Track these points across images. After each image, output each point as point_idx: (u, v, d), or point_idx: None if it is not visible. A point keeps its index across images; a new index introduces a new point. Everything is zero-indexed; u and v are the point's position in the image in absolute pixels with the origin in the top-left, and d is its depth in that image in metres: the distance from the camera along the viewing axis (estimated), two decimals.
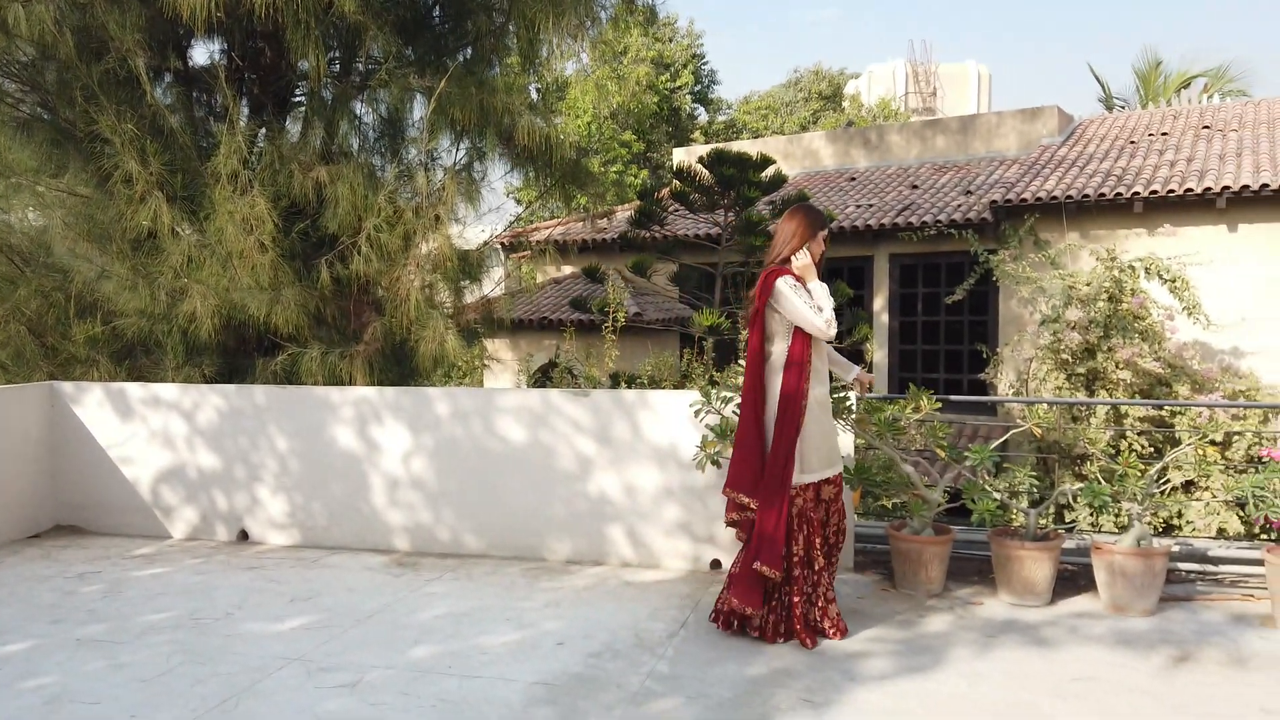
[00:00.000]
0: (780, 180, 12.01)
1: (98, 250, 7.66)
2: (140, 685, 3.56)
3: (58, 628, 4.23)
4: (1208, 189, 11.00)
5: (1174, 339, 8.68)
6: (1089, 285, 8.65)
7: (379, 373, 7.55)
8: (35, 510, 6.06)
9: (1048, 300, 8.93)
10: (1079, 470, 8.15)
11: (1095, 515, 7.30)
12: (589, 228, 14.31)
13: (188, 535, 5.95)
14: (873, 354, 12.68)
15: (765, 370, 4.01)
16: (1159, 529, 7.48)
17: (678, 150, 18.83)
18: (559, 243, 10.30)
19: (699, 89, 32.70)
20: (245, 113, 7.94)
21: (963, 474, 4.77)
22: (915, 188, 14.60)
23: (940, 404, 4.73)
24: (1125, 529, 4.46)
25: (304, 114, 8.14)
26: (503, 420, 5.36)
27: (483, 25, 8.30)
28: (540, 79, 9.41)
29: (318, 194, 7.35)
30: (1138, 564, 4.20)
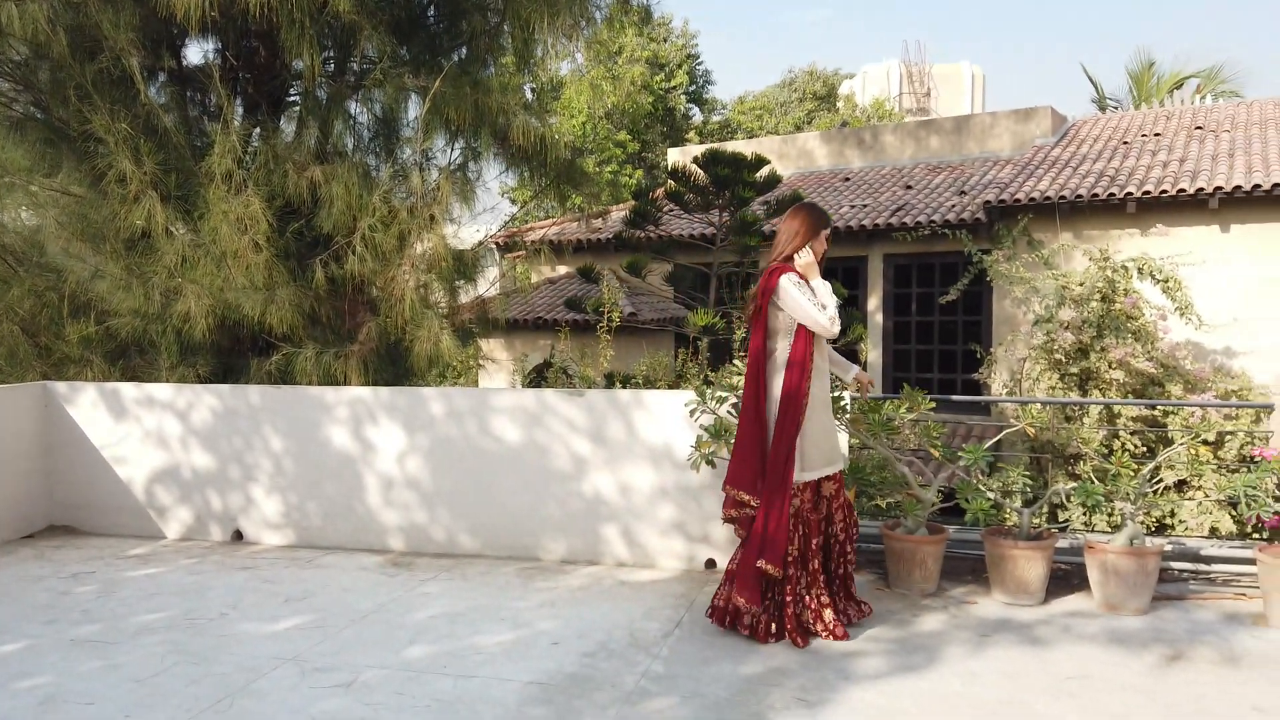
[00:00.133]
0: (775, 180, 12.03)
1: (91, 250, 7.65)
2: (134, 685, 3.55)
3: (52, 628, 4.22)
4: (1200, 189, 11.04)
5: (1167, 339, 8.70)
6: (1082, 285, 8.67)
7: (374, 373, 7.54)
8: (29, 510, 6.04)
9: (1041, 300, 8.94)
10: (1072, 470, 8.17)
11: (1088, 514, 7.31)
12: (584, 227, 14.32)
13: (182, 535, 5.94)
14: (867, 354, 12.69)
15: (768, 368, 4.01)
16: (1152, 528, 7.50)
17: (672, 150, 18.85)
18: (554, 242, 10.28)
19: (694, 89, 32.72)
20: (240, 112, 7.93)
21: (957, 473, 4.79)
22: (909, 188, 14.63)
23: (934, 404, 4.74)
24: (1118, 528, 4.48)
25: (298, 113, 8.12)
26: (498, 420, 5.36)
27: (477, 25, 8.29)
28: (535, 79, 9.43)
29: (312, 194, 7.34)
30: (1131, 563, 4.22)
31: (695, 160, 11.79)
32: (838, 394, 4.59)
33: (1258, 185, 10.74)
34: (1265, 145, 12.44)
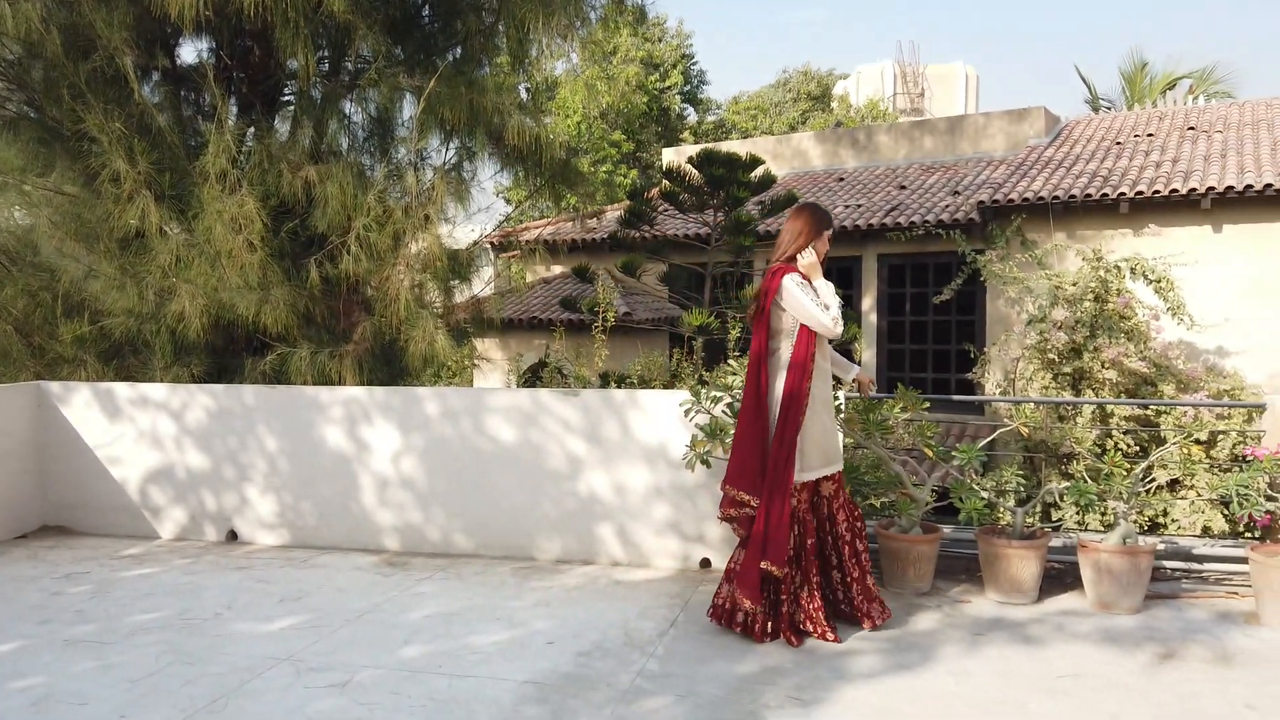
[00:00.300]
0: (769, 180, 12.04)
1: (85, 249, 7.63)
2: (129, 685, 3.55)
3: (45, 628, 4.21)
4: (1193, 190, 11.08)
5: (1159, 339, 8.74)
6: (1075, 285, 8.70)
7: (368, 372, 7.54)
8: (22, 510, 6.03)
9: (1034, 300, 8.97)
10: (1065, 469, 8.20)
11: (1082, 514, 7.35)
12: (578, 227, 14.33)
13: (176, 535, 5.93)
14: (861, 354, 12.72)
15: (769, 368, 4.01)
16: (1144, 527, 7.52)
17: (667, 150, 18.85)
18: (549, 242, 10.30)
19: (688, 89, 32.72)
20: (234, 112, 7.91)
21: (950, 473, 4.80)
22: (903, 188, 14.66)
23: (928, 403, 4.76)
24: (1111, 527, 4.49)
25: (293, 113, 8.11)
26: (492, 420, 5.37)
27: (472, 25, 8.29)
28: (530, 79, 9.43)
29: (307, 193, 7.33)
30: (1124, 562, 4.24)
31: (690, 160, 11.79)
32: (834, 394, 4.60)
33: (1250, 186, 10.78)
34: (1257, 146, 12.49)
